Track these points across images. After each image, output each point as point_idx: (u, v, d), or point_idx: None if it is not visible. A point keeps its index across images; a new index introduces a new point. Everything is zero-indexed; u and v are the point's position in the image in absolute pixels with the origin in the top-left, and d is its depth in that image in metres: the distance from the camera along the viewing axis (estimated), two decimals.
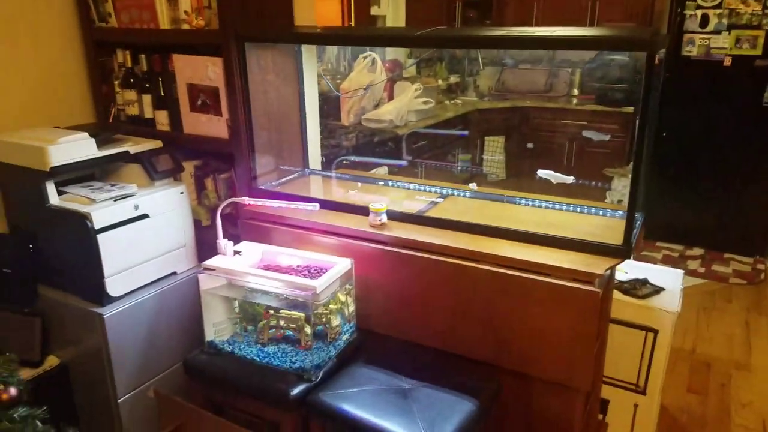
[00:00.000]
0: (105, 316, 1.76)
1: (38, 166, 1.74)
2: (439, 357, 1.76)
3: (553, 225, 1.74)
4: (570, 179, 1.78)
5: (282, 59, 2.11)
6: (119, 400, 1.85)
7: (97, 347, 1.80)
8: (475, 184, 2.02)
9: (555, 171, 1.86)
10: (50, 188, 1.80)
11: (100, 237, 1.74)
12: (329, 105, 3.09)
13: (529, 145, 4.26)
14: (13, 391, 1.48)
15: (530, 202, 1.93)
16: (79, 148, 1.80)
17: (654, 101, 1.55)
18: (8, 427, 1.42)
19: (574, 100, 4.35)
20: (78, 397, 1.96)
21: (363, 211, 1.88)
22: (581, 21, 4.38)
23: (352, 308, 1.85)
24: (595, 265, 1.54)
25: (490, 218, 1.79)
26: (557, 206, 1.89)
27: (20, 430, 1.45)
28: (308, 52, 2.19)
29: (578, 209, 1.86)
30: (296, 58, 2.16)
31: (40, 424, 1.49)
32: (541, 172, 1.82)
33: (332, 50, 3.33)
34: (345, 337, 1.82)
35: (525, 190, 1.98)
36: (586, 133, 3.74)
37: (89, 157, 1.82)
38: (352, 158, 2.76)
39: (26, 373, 1.81)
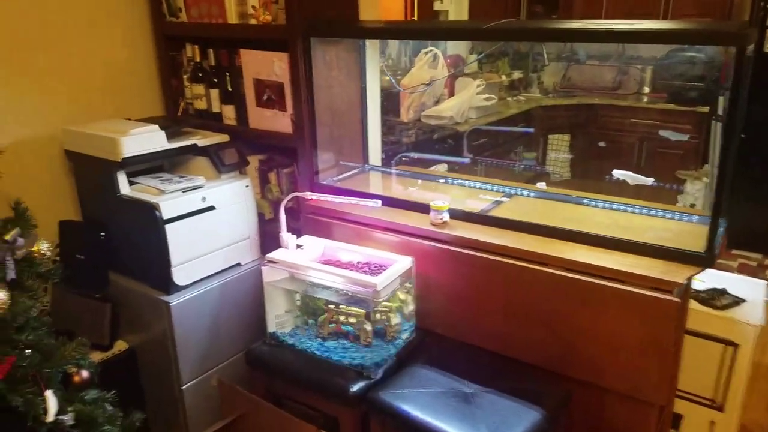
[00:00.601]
0: (171, 304, 1.81)
1: (111, 157, 1.79)
2: (501, 361, 1.71)
3: (624, 228, 1.65)
4: (649, 181, 1.69)
5: (346, 54, 2.10)
6: (183, 387, 1.89)
7: (163, 334, 1.85)
8: (544, 183, 1.95)
9: (624, 171, 1.77)
10: (122, 178, 1.85)
11: (168, 227, 1.78)
12: (389, 101, 3.06)
13: (601, 144, 4.09)
14: (85, 373, 1.53)
15: (599, 204, 1.84)
16: (150, 139, 1.85)
17: (742, 100, 1.45)
18: (80, 408, 1.46)
19: (645, 98, 4.15)
20: (144, 382, 2.02)
21: (424, 208, 1.85)
22: (653, 16, 4.17)
23: (411, 307, 1.82)
24: (674, 272, 1.45)
25: (557, 219, 1.73)
26: (628, 208, 1.80)
27: (91, 412, 1.50)
28: (372, 47, 2.17)
29: (650, 212, 1.77)
30: (360, 53, 2.15)
31: (109, 407, 1.54)
32: (617, 173, 1.73)
33: (393, 45, 3.30)
34: (404, 336, 1.79)
35: (590, 191, 1.90)
36: (663, 133, 3.55)
37: (159, 149, 1.87)
38: (413, 155, 2.72)
39: (96, 356, 1.87)
